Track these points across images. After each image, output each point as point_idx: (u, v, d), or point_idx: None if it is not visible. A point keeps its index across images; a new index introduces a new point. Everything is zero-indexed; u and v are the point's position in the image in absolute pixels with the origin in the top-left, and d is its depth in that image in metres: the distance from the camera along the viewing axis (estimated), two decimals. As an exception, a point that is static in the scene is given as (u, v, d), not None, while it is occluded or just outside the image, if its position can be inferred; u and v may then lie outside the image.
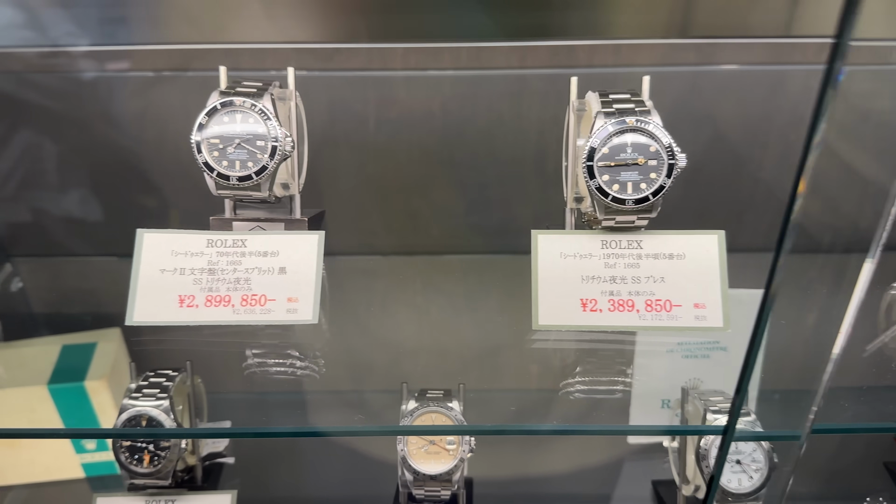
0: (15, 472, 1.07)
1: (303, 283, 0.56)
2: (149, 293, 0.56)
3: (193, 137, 0.56)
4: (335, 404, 0.72)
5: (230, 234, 0.58)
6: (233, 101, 0.56)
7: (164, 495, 0.74)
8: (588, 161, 0.53)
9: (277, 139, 0.56)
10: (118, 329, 1.16)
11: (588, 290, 0.55)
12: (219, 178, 0.56)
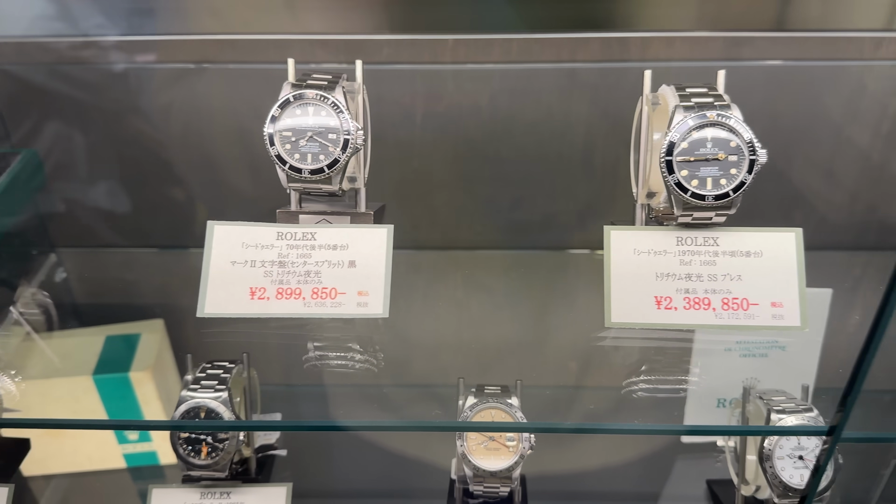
0: (58, 461, 1.08)
1: (373, 276, 0.56)
2: (220, 285, 0.56)
3: (266, 130, 0.56)
4: (390, 398, 0.72)
5: (300, 226, 0.58)
6: (305, 93, 0.55)
7: (218, 487, 0.74)
8: (667, 156, 0.52)
9: (349, 132, 0.56)
10: (161, 320, 1.16)
11: (663, 287, 0.54)
12: (291, 170, 0.56)
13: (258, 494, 0.74)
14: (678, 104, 0.53)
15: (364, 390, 0.72)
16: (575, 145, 0.94)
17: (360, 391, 0.72)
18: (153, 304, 1.12)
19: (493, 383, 0.71)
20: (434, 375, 0.76)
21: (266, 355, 0.77)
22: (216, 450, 0.71)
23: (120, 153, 0.96)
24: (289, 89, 0.56)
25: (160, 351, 1.10)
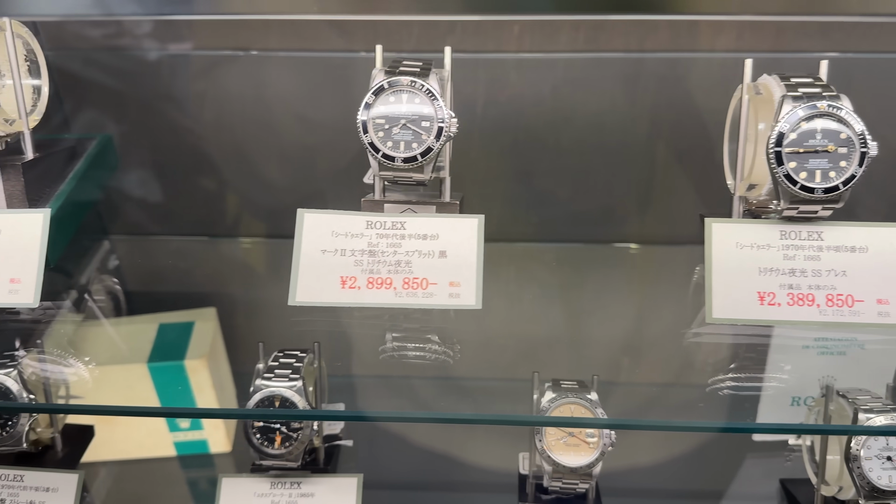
0: (109, 448, 1.08)
1: (464, 267, 0.55)
2: (311, 274, 0.56)
3: (360, 117, 0.55)
4: (464, 391, 0.71)
5: (389, 216, 0.57)
6: (399, 80, 0.54)
7: (289, 477, 0.74)
8: (776, 146, 0.51)
9: (444, 120, 0.55)
10: (213, 309, 1.16)
11: (766, 282, 0.53)
12: (384, 158, 0.55)
13: (328, 485, 0.73)
14: (785, 94, 0.52)
15: (437, 383, 0.71)
16: (639, 137, 0.92)
17: (434, 383, 0.71)
18: (204, 293, 1.11)
19: (568, 378, 0.70)
20: (505, 369, 0.75)
21: (336, 344, 0.77)
22: (290, 439, 0.70)
23: (172, 141, 0.95)
24: (382, 76, 0.55)
25: (214, 339, 1.10)
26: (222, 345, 1.11)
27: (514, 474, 0.78)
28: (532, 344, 0.74)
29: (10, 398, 0.72)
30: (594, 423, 0.66)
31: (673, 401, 0.72)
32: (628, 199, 0.94)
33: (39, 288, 0.56)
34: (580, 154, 0.93)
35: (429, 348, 0.67)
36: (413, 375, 0.71)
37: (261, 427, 0.70)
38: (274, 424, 0.70)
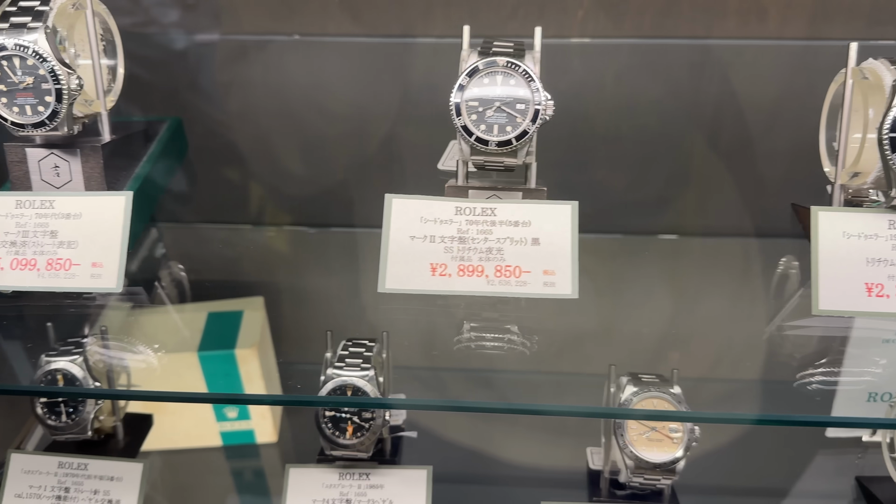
0: (155, 437, 1.07)
1: (558, 255, 0.54)
2: (400, 260, 0.54)
3: (453, 99, 0.53)
4: (539, 383, 0.70)
5: (478, 202, 0.55)
6: (496, 61, 0.53)
7: (356, 468, 0.73)
8: (891, 132, 0.49)
9: (540, 103, 0.53)
10: (261, 298, 1.15)
11: (874, 273, 0.51)
12: (477, 142, 0.53)
13: (398, 476, 0.72)
14: (901, 78, 0.50)
15: (509, 374, 0.69)
16: (702, 126, 0.90)
17: (505, 375, 0.70)
18: (252, 282, 1.10)
19: (648, 371, 0.68)
20: (577, 362, 0.73)
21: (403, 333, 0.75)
22: (361, 429, 0.69)
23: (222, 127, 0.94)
24: (475, 57, 0.54)
25: (262, 328, 1.09)
26: (269, 334, 1.10)
27: (581, 469, 0.77)
28: (608, 337, 0.73)
29: (77, 384, 0.71)
30: (675, 416, 0.64)
31: (750, 395, 0.70)
32: (695, 189, 0.92)
33: (122, 272, 0.55)
34: (640, 143, 0.91)
35: (504, 338, 0.66)
36: (484, 367, 0.70)
37: (332, 416, 0.69)
38: (346, 414, 0.69)
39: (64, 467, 0.74)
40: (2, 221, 0.55)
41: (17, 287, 0.55)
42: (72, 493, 0.73)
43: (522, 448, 0.81)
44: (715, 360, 0.72)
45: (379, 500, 0.71)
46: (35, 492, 0.73)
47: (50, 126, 0.54)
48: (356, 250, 0.98)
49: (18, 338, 0.77)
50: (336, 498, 0.71)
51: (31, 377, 0.73)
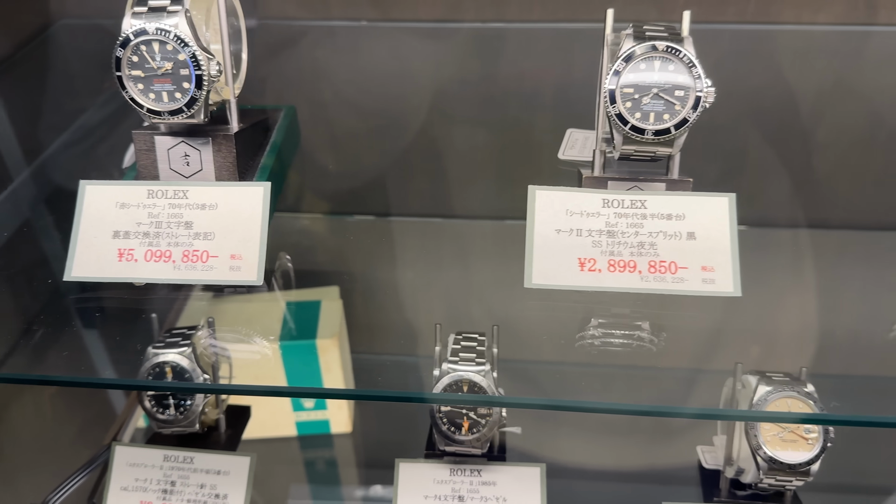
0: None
1: (717, 250, 0.51)
2: (546, 255, 0.52)
3: (607, 86, 0.51)
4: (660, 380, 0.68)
5: (627, 194, 0.53)
6: (655, 45, 0.50)
7: (467, 464, 0.71)
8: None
9: (702, 90, 0.50)
10: (336, 288, 1.14)
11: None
12: (632, 131, 0.51)
13: (511, 474, 0.70)
14: None
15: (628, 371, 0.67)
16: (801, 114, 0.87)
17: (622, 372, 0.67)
18: (329, 272, 1.09)
19: (774, 370, 0.66)
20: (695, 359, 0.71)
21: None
22: (477, 425, 0.67)
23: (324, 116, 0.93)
24: (631, 42, 0.51)
25: (341, 319, 1.08)
26: (344, 324, 1.09)
27: (691, 468, 0.74)
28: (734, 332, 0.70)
29: (186, 377, 0.70)
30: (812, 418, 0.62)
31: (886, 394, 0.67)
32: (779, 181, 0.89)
33: (262, 265, 0.53)
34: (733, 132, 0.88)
35: (629, 335, 0.64)
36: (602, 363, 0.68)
37: (448, 412, 0.68)
38: (462, 409, 0.67)
39: (170, 461, 0.73)
40: (134, 212, 0.54)
41: (152, 280, 0.53)
42: (178, 487, 0.72)
43: (630, 446, 0.79)
44: (847, 357, 0.70)
45: (492, 498, 0.69)
46: (141, 485, 0.73)
47: (187, 113, 0.52)
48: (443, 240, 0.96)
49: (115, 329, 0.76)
50: (448, 494, 0.70)
51: (134, 369, 0.73)
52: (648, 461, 0.78)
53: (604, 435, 0.81)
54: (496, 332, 0.71)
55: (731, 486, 0.69)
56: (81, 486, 0.82)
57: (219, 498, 0.71)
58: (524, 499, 0.69)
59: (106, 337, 0.73)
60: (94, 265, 0.53)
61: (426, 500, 0.69)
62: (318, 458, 1.10)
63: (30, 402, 0.94)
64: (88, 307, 0.64)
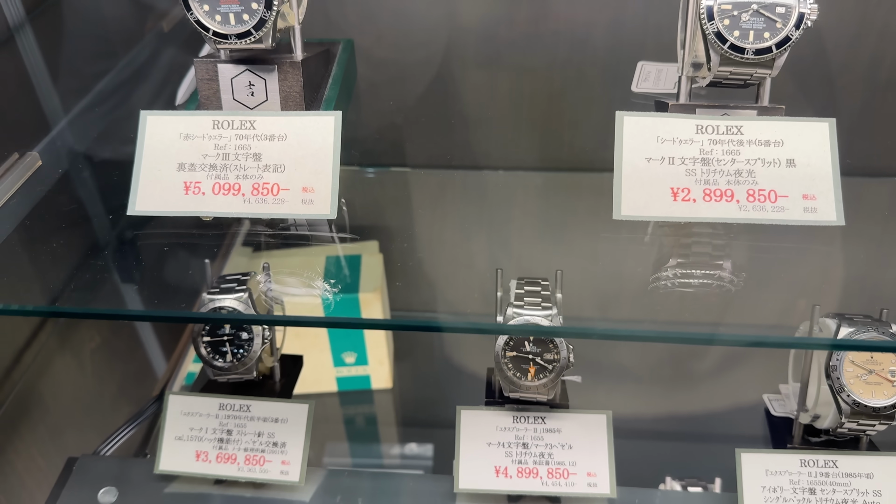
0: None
1: (819, 177, 0.48)
2: (636, 185, 0.49)
3: (704, 2, 0.48)
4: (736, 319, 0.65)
5: (723, 120, 0.50)
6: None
7: (530, 412, 0.69)
8: None
9: (806, 6, 0.47)
10: (376, 242, 1.11)
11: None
12: (731, 50, 0.48)
13: (576, 421, 0.68)
14: None
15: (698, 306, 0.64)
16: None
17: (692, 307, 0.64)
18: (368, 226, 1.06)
19: (855, 312, 0.63)
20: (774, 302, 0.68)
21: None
22: (544, 370, 0.65)
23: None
24: (731, -47, 0.48)
25: (382, 273, 1.06)
26: (384, 278, 1.07)
27: (757, 417, 0.73)
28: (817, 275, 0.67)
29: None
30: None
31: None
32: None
33: (336, 198, 0.51)
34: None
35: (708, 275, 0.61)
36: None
37: (513, 357, 0.66)
38: (529, 355, 0.65)
39: (225, 409, 0.71)
40: (199, 143, 0.51)
41: (222, 213, 0.51)
42: (234, 436, 0.71)
43: (695, 396, 0.77)
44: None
45: (557, 445, 0.68)
46: (196, 434, 0.71)
47: (255, 37, 0.49)
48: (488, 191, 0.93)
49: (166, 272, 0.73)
50: (511, 441, 0.68)
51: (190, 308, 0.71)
52: (714, 411, 0.76)
53: (667, 386, 0.79)
54: (560, 277, 0.69)
55: (804, 433, 0.67)
56: (131, 439, 0.80)
57: (277, 446, 0.70)
58: (590, 446, 0.67)
59: (159, 276, 0.71)
60: (158, 198, 0.51)
61: (489, 448, 0.68)
62: (358, 414, 1.09)
63: (71, 359, 0.93)
64: (144, 244, 0.61)
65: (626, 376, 0.80)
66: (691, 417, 0.78)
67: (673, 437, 0.78)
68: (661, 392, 0.79)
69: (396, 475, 0.74)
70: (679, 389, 0.79)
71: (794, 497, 0.63)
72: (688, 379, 0.80)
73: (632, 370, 0.80)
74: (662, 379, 0.80)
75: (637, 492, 0.67)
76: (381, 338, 1.03)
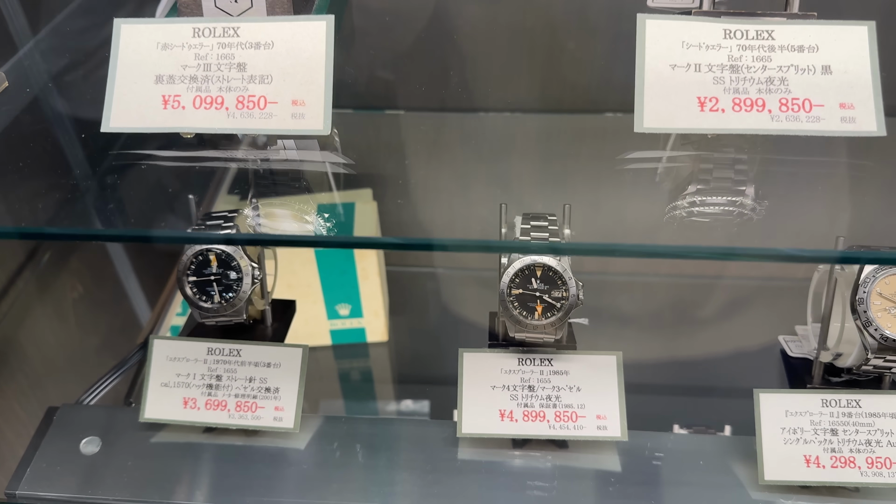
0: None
1: (857, 85, 0.44)
2: (659, 94, 0.45)
3: None
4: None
5: (750, 22, 0.46)
6: None
7: (536, 353, 0.66)
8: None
9: None
10: (370, 190, 1.07)
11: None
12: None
13: (584, 362, 0.65)
14: None
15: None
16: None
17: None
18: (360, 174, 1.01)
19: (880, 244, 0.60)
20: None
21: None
22: (553, 309, 0.62)
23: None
24: None
25: (376, 221, 1.02)
26: (380, 227, 1.02)
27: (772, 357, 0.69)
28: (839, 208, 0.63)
29: (233, 264, 0.64)
30: None
31: None
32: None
33: (329, 112, 0.46)
34: None
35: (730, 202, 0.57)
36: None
37: (519, 295, 0.62)
38: (536, 293, 0.62)
39: (214, 353, 0.67)
40: (178, 53, 0.47)
41: (204, 129, 0.46)
42: (224, 382, 0.67)
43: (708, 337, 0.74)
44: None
45: (565, 388, 0.64)
46: (183, 380, 0.67)
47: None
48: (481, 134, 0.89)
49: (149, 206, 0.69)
50: (517, 384, 0.65)
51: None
52: (724, 355, 0.73)
53: (675, 331, 0.76)
54: (568, 212, 0.65)
55: (824, 373, 0.64)
56: (116, 389, 0.77)
57: (269, 392, 0.66)
58: (600, 388, 0.63)
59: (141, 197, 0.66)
60: (135, 113, 0.46)
61: (494, 391, 0.64)
62: (353, 368, 1.06)
63: (51, 308, 0.89)
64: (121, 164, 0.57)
65: (634, 321, 0.77)
66: (700, 363, 0.75)
67: (681, 384, 0.75)
68: (670, 337, 0.76)
69: (396, 420, 0.71)
70: (688, 334, 0.76)
71: (814, 438, 0.60)
72: (697, 323, 0.77)
73: (639, 315, 0.77)
74: (670, 324, 0.77)
75: (649, 435, 0.64)
76: (376, 289, 1.00)
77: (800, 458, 0.59)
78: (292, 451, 0.66)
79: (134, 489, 0.63)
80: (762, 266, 0.69)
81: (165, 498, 0.63)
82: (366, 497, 0.61)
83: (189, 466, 0.65)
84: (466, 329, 1.05)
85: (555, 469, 0.63)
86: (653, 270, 0.80)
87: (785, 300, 0.78)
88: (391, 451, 0.65)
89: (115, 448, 0.66)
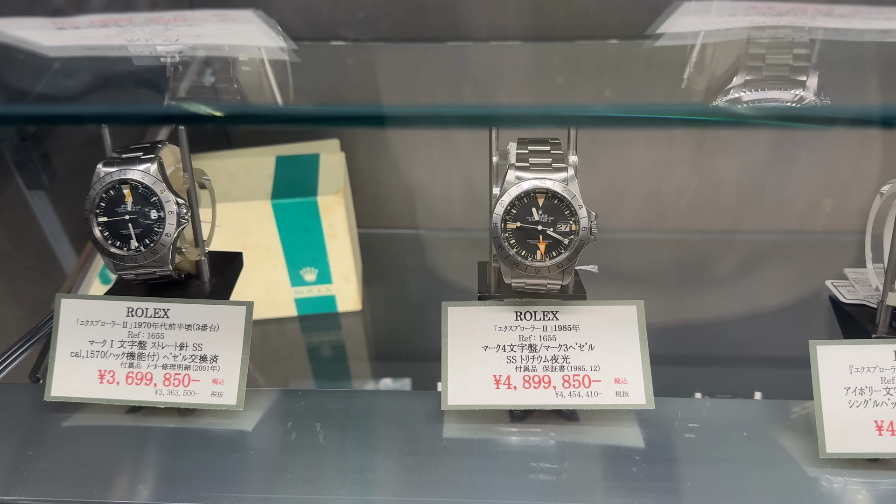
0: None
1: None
2: None
3: None
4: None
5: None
6: None
7: (538, 305, 0.52)
8: None
9: None
10: (337, 141, 0.94)
11: None
12: None
13: (597, 315, 0.51)
14: None
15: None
16: None
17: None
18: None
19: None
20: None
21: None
22: (558, 246, 0.49)
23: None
24: None
25: (344, 174, 0.89)
26: (347, 178, 0.89)
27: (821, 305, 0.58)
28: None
29: (153, 200, 0.51)
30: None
31: None
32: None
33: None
34: None
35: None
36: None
37: (517, 230, 0.49)
38: (537, 225, 0.49)
39: (135, 315, 0.54)
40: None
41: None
42: (149, 349, 0.53)
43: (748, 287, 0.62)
44: None
45: (574, 346, 0.52)
46: (98, 349, 0.54)
47: None
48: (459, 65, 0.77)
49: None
50: (514, 343, 0.52)
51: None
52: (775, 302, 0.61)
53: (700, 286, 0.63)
54: (575, 137, 0.52)
55: (891, 319, 0.52)
56: (26, 361, 0.63)
57: (206, 360, 0.53)
58: (617, 346, 0.51)
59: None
60: None
61: (486, 353, 0.51)
62: (323, 342, 0.93)
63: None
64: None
65: (652, 277, 0.65)
66: (729, 322, 0.63)
67: (707, 348, 0.63)
68: (693, 294, 0.64)
69: (365, 393, 0.58)
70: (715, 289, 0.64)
71: (887, 399, 0.48)
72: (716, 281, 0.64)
73: (651, 272, 0.64)
74: (692, 280, 0.65)
75: (678, 402, 0.52)
76: (346, 250, 0.86)
77: (869, 425, 0.47)
78: (236, 433, 0.52)
79: (36, 485, 0.49)
80: (786, 219, 0.57)
81: (75, 496, 0.49)
82: (327, 488, 0.49)
83: (106, 456, 0.51)
84: (451, 296, 0.93)
85: (563, 447, 0.50)
86: (659, 227, 0.68)
87: (817, 250, 0.66)
88: (360, 429, 0.52)
89: (13, 434, 0.53)
